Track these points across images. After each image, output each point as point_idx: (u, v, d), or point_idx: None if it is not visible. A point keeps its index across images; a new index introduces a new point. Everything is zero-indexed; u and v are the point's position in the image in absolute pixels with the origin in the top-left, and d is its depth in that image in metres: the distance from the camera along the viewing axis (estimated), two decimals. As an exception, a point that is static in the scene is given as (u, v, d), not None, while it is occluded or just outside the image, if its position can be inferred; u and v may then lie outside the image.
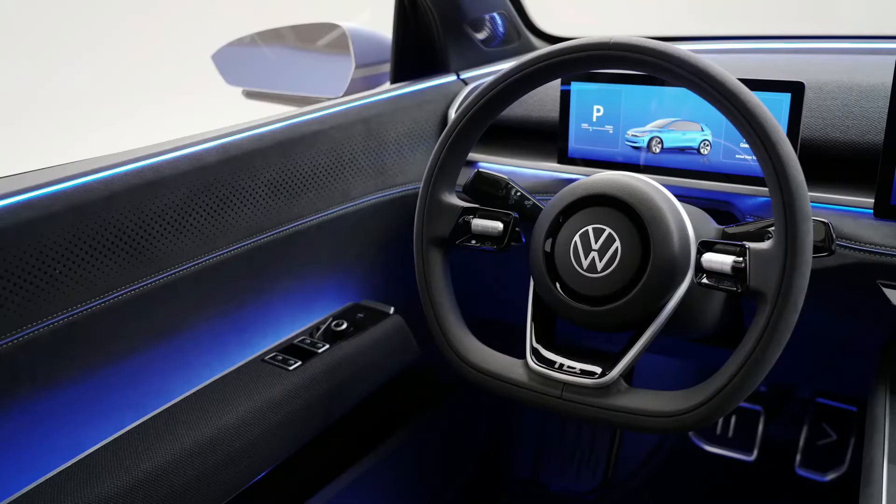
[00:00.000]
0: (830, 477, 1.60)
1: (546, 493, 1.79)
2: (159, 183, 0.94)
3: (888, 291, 0.93)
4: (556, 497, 1.78)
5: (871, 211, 0.94)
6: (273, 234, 1.08)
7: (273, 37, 1.54)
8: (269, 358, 1.10)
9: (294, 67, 1.53)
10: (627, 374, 0.85)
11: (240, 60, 1.53)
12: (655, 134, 1.08)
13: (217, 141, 1.02)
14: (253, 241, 1.06)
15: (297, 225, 1.11)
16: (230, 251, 1.03)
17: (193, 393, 1.02)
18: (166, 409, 0.99)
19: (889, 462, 0.84)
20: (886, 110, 0.91)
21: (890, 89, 0.90)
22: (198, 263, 0.99)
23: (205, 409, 0.98)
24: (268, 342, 1.15)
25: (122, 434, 0.94)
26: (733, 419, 1.72)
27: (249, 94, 1.54)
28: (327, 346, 1.13)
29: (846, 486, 1.58)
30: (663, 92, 1.07)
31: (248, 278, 1.09)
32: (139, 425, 0.96)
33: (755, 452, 1.68)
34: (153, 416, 0.98)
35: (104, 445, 0.93)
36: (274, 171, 1.07)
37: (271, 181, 1.07)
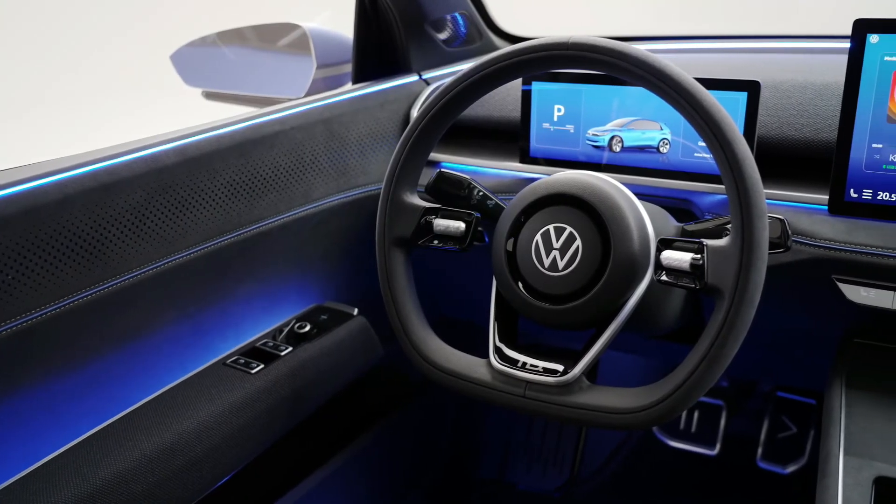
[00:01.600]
0: (791, 469, 1.63)
1: (514, 492, 1.80)
2: (115, 186, 0.92)
3: (843, 286, 0.95)
4: (524, 496, 1.79)
5: (826, 207, 0.96)
6: (234, 236, 1.07)
7: (232, 37, 1.52)
8: (231, 361, 1.09)
9: (254, 68, 1.52)
10: (590, 372, 0.85)
11: (199, 61, 1.51)
12: (616, 133, 1.09)
13: (174, 143, 1.00)
14: (213, 244, 1.04)
15: (259, 227, 1.10)
16: (190, 254, 1.01)
17: (154, 398, 1.01)
18: (126, 415, 0.98)
19: (845, 454, 0.86)
20: (839, 109, 0.93)
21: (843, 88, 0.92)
22: (157, 267, 0.98)
23: (165, 414, 0.97)
24: (230, 346, 1.14)
25: (80, 441, 0.93)
26: (696, 414, 1.74)
27: (209, 95, 1.52)
28: (290, 348, 1.12)
29: (806, 478, 1.61)
30: (623, 91, 1.08)
31: (209, 281, 1.07)
32: (98, 432, 0.94)
33: (718, 446, 1.71)
34: (112, 423, 0.96)
35: (61, 453, 0.91)
36: (234, 173, 1.06)
37: (231, 183, 1.06)
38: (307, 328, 1.16)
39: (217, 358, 1.10)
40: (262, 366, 1.07)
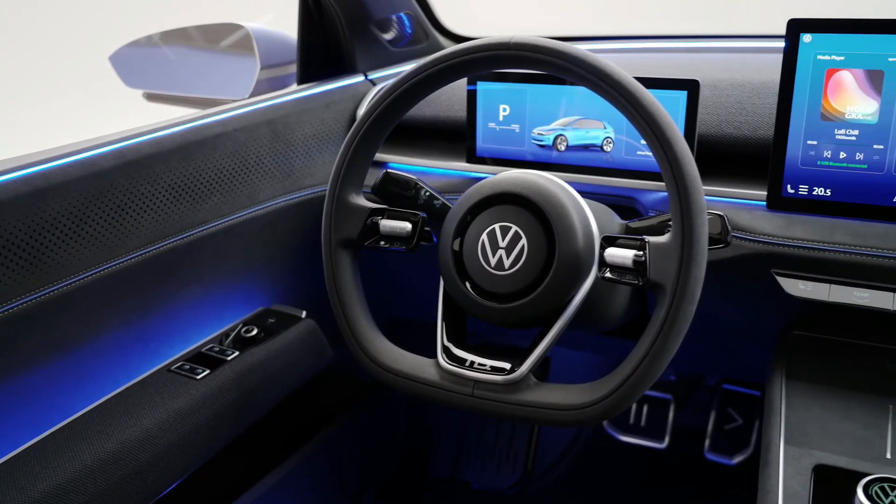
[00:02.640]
0: (737, 460, 1.67)
1: (468, 491, 1.80)
2: (50, 190, 0.90)
3: (781, 280, 0.97)
4: (478, 494, 1.79)
5: (765, 203, 0.98)
6: (177, 240, 1.05)
7: (174, 37, 1.49)
8: (176, 367, 1.07)
9: (197, 69, 1.50)
10: (541, 370, 0.86)
11: (139, 62, 1.48)
12: (560, 132, 1.10)
13: (113, 146, 0.98)
14: (155, 248, 1.02)
15: (203, 230, 1.09)
16: (131, 258, 0.99)
17: (95, 407, 0.98)
18: (66, 425, 0.95)
19: (785, 443, 0.88)
20: (777, 106, 0.95)
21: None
22: (96, 272, 0.96)
23: (106, 423, 0.95)
24: (175, 351, 1.12)
25: (18, 453, 0.90)
26: (645, 409, 1.77)
27: (151, 97, 1.49)
28: (237, 352, 1.10)
29: (752, 467, 1.64)
30: (568, 91, 1.08)
31: (153, 286, 1.05)
32: (37, 443, 0.92)
33: (666, 440, 1.73)
34: (52, 433, 0.94)
35: None
36: (175, 176, 1.04)
37: (173, 186, 1.04)
38: (254, 332, 1.14)
39: (161, 364, 1.08)
40: (207, 371, 1.06)
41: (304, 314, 1.22)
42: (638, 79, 0.81)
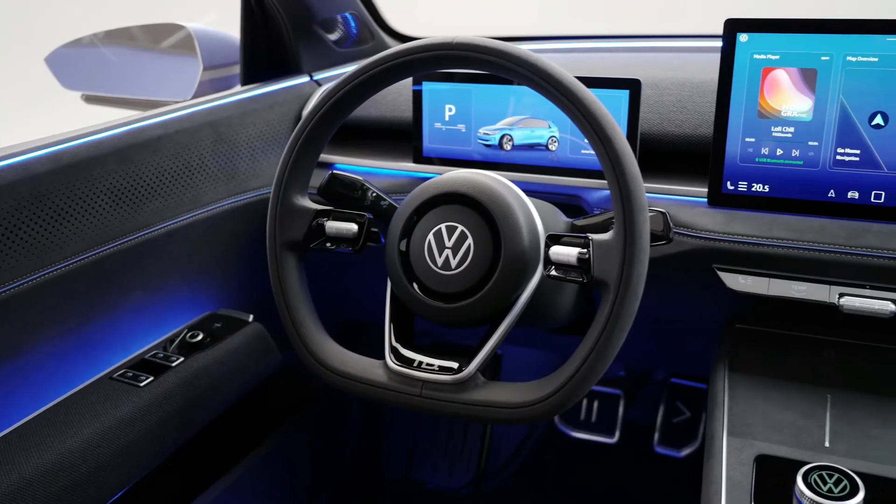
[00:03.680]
0: (686, 452, 1.70)
1: (422, 491, 1.80)
2: None
3: (723, 275, 0.99)
4: (433, 494, 1.79)
5: (706, 200, 1.00)
6: (117, 245, 1.03)
7: (113, 38, 1.46)
8: (118, 375, 1.04)
9: (137, 70, 1.47)
10: (493, 369, 0.86)
11: (77, 63, 1.44)
12: (506, 132, 1.11)
13: (48, 149, 0.95)
14: (94, 253, 1.00)
15: (144, 234, 1.07)
16: (69, 265, 0.97)
17: (34, 417, 0.95)
18: (3, 437, 0.92)
19: (728, 435, 0.90)
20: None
21: None
22: (32, 279, 0.93)
23: (46, 433, 0.92)
24: (118, 359, 1.09)
25: None
26: (595, 404, 1.79)
27: (89, 99, 1.46)
28: (181, 358, 1.08)
29: (700, 459, 1.67)
30: (513, 91, 1.09)
31: (93, 292, 1.03)
32: None
33: (617, 434, 1.76)
34: None
35: None
36: (114, 179, 1.02)
37: (112, 189, 1.02)
38: (199, 337, 1.12)
39: (103, 372, 1.06)
40: (151, 378, 1.04)
41: (251, 318, 1.20)
42: (580, 78, 0.81)
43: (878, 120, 0.91)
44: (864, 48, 0.90)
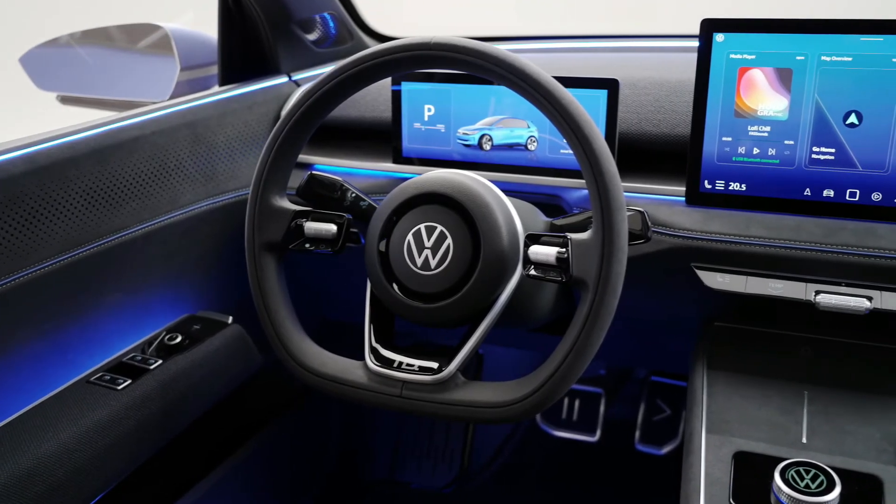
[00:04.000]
0: (666, 450, 1.71)
1: (406, 492, 1.80)
2: None
3: (701, 273, 1.00)
4: (416, 494, 1.79)
5: (684, 199, 1.01)
6: (93, 247, 1.02)
7: (89, 38, 1.44)
8: (96, 378, 1.03)
9: (113, 70, 1.45)
10: (474, 368, 0.86)
11: (53, 63, 1.43)
12: (485, 132, 1.11)
13: (22, 150, 0.94)
14: (70, 256, 0.99)
15: (121, 236, 1.06)
16: (44, 267, 0.96)
17: (9, 422, 0.94)
18: None
19: (707, 432, 0.90)
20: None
21: None
22: (7, 282, 0.92)
23: (21, 438, 0.91)
24: (95, 362, 1.08)
25: None
26: (577, 403, 1.80)
27: (65, 100, 1.44)
28: (160, 361, 1.07)
29: (680, 456, 1.68)
30: (492, 91, 1.09)
31: (69, 295, 1.02)
32: None
33: (598, 433, 1.76)
34: None
35: None
36: (90, 181, 1.01)
37: (88, 191, 1.01)
38: (178, 339, 1.11)
39: (80, 375, 1.05)
40: (129, 381, 1.03)
41: (230, 320, 1.19)
42: (558, 78, 0.82)
43: (853, 119, 0.92)
44: (838, 48, 0.90)
